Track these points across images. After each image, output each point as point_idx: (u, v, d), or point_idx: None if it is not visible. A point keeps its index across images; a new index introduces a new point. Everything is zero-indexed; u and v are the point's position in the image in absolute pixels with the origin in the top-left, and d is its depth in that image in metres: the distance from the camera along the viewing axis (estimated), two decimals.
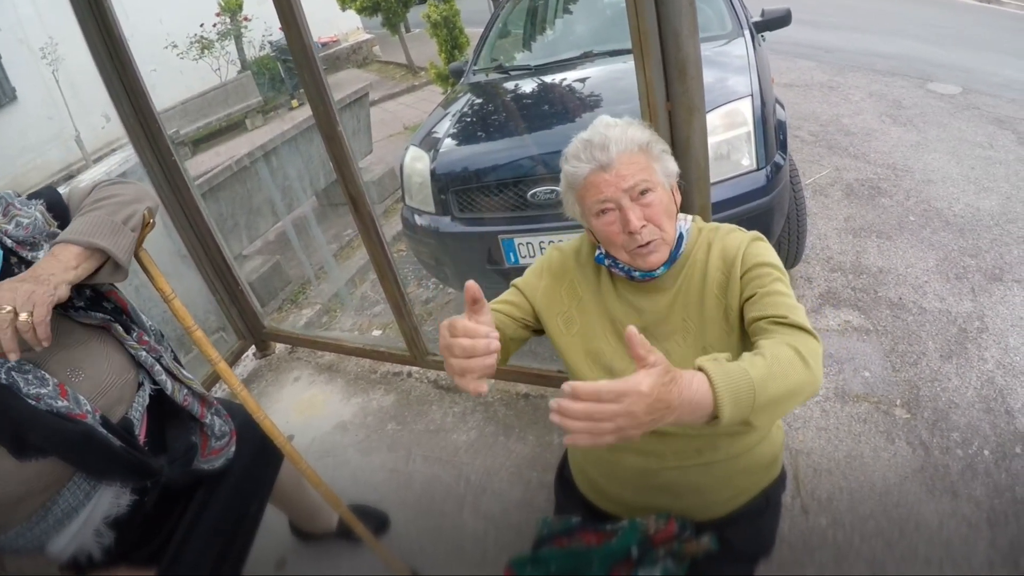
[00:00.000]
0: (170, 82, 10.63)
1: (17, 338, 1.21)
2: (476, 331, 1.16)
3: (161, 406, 1.64)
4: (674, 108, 1.91)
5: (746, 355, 1.17)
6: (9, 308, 1.21)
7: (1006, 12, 10.89)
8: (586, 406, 0.97)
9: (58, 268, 1.33)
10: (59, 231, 1.47)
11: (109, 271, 1.47)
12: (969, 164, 5.07)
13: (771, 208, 3.03)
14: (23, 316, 1.22)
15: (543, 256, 1.70)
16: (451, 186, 3.44)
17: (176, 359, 1.75)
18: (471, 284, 1.21)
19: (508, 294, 1.65)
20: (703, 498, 1.58)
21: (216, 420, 1.77)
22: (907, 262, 3.88)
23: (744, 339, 1.46)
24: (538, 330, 1.68)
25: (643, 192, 1.40)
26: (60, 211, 1.56)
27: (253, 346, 4.08)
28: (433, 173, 3.52)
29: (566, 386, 0.98)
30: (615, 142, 1.40)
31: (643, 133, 1.45)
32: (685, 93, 1.88)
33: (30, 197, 1.54)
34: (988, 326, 3.24)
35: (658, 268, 1.45)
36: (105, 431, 1.39)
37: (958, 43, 8.68)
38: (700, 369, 1.08)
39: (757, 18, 4.42)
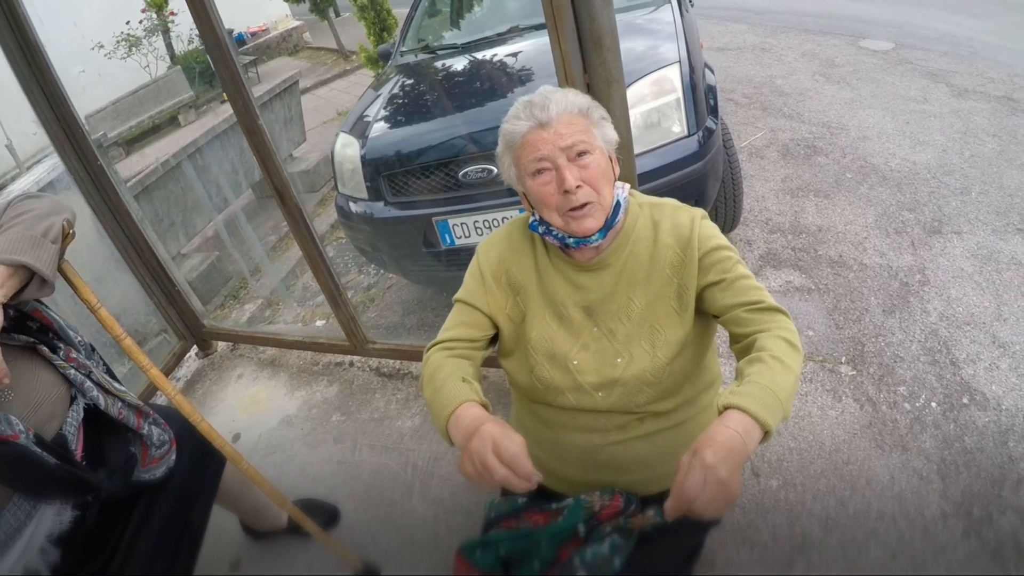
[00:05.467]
0: (100, 83, 10.41)
1: None
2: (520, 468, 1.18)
3: (98, 419, 1.62)
4: (592, 80, 1.89)
5: (747, 365, 1.26)
6: None
7: None
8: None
9: None
10: None
11: (36, 287, 1.45)
12: (904, 119, 5.14)
13: (705, 173, 3.02)
14: None
15: (475, 259, 1.66)
16: (382, 171, 3.38)
17: (109, 372, 1.74)
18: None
19: (459, 315, 1.61)
20: (648, 471, 1.57)
21: (154, 430, 1.76)
22: (846, 219, 3.92)
23: (698, 318, 1.46)
24: (494, 337, 1.66)
25: (580, 154, 1.38)
26: None
27: (195, 346, 4.02)
28: (363, 159, 3.47)
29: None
30: (555, 103, 1.38)
31: (584, 99, 1.44)
32: (603, 65, 1.85)
33: None
34: (929, 279, 3.28)
35: (593, 235, 1.42)
36: (39, 449, 1.38)
37: None
38: (726, 408, 1.15)
39: None
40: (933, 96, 5.51)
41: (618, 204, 1.46)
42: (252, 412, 3.46)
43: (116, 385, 1.68)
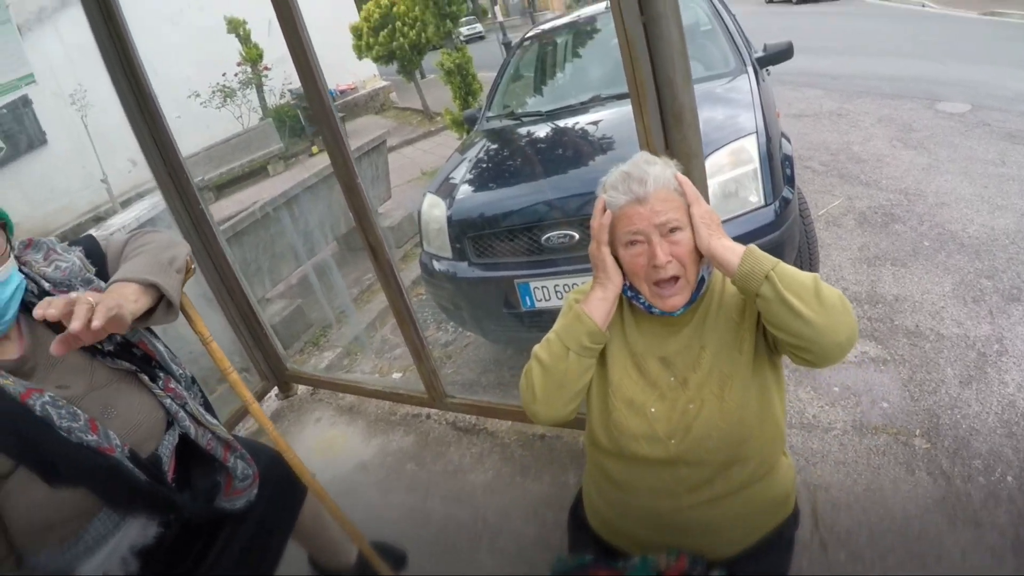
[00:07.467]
0: (196, 130, 10.90)
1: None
2: None
3: (189, 446, 1.72)
4: (673, 154, 1.94)
5: None
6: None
7: (1009, 23, 10.86)
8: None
9: (124, 299, 1.44)
10: (95, 277, 1.60)
11: (163, 311, 1.58)
12: (982, 183, 5.05)
13: (781, 242, 3.04)
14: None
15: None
16: (467, 232, 3.49)
17: (206, 404, 1.84)
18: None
19: None
20: (716, 537, 1.60)
21: (239, 463, 1.83)
22: (923, 288, 3.86)
23: (756, 363, 1.51)
24: None
25: (672, 230, 1.45)
26: (97, 258, 1.68)
27: (276, 387, 4.16)
28: (450, 220, 3.58)
29: None
30: (653, 179, 1.46)
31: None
32: (683, 140, 1.93)
33: (71, 244, 1.66)
34: (1008, 348, 3.20)
35: (678, 310, 1.50)
36: (132, 465, 1.48)
37: (962, 59, 8.69)
38: None
39: (760, 53, 4.44)
40: (1011, 158, 5.41)
41: (702, 280, 1.54)
42: (327, 455, 3.55)
43: (209, 418, 1.77)
